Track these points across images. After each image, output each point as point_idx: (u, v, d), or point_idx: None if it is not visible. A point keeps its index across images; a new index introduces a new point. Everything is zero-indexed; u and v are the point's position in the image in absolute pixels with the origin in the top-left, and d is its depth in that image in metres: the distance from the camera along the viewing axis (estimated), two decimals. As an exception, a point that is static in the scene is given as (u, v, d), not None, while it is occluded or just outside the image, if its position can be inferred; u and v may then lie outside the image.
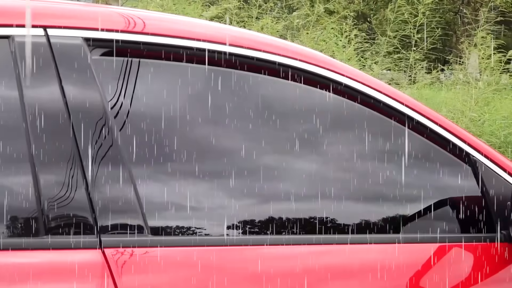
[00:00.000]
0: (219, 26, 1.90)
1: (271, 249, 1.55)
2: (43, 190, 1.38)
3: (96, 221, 1.40)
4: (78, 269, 1.36)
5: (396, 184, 2.50)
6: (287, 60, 1.67)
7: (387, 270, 1.61)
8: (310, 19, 7.31)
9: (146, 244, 1.42)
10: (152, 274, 1.40)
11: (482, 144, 1.82)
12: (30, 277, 1.34)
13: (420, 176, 2.55)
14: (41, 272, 1.35)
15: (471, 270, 1.71)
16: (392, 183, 2.47)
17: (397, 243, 1.66)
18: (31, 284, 1.33)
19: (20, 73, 1.42)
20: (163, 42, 1.57)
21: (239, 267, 1.50)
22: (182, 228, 1.53)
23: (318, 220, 1.64)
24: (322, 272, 1.56)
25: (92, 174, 1.41)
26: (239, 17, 7.30)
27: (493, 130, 6.53)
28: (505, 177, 1.78)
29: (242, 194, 1.61)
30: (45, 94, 1.43)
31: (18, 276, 1.33)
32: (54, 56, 1.46)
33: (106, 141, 1.44)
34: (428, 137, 1.78)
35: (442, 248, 1.70)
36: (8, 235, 1.37)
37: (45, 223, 1.37)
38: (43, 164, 1.39)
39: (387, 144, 1.91)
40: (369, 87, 1.73)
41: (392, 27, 7.79)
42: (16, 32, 1.45)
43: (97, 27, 1.52)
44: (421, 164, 2.59)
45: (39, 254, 1.36)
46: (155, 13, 1.97)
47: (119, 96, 1.52)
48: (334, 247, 1.61)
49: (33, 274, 1.34)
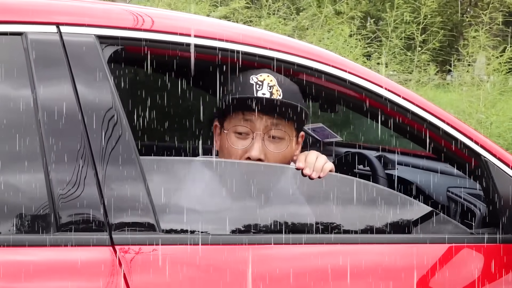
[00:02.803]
0: (231, 25, 1.90)
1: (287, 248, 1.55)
2: (54, 188, 1.38)
3: (107, 218, 1.40)
4: (89, 266, 1.37)
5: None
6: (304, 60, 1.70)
7: (390, 271, 1.61)
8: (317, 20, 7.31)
9: (157, 242, 1.43)
10: (162, 271, 1.41)
11: (493, 144, 1.82)
12: (41, 273, 1.34)
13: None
14: (52, 269, 1.36)
15: (479, 272, 1.70)
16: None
17: (401, 243, 1.66)
18: (42, 280, 1.34)
19: (33, 70, 1.43)
20: (175, 40, 1.58)
21: (252, 265, 1.50)
22: (193, 226, 1.54)
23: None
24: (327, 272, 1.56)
25: (103, 171, 1.42)
26: (246, 17, 7.30)
27: (501, 132, 6.51)
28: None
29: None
30: (57, 91, 1.44)
31: (29, 272, 1.33)
32: (66, 53, 1.46)
33: (118, 139, 1.44)
34: (439, 136, 1.77)
35: (449, 249, 1.70)
36: (20, 231, 1.38)
37: (56, 220, 1.37)
38: (55, 162, 1.39)
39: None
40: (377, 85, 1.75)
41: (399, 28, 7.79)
42: (29, 29, 1.46)
43: (109, 24, 1.52)
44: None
45: (50, 251, 1.37)
46: (169, 12, 1.97)
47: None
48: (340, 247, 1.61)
49: (44, 271, 1.35)
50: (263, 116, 1.74)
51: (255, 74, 1.73)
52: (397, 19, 7.71)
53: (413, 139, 1.84)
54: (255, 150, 1.74)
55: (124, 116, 1.46)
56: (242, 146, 1.75)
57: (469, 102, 7.06)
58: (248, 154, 1.74)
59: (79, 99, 1.44)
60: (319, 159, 1.69)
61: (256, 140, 1.74)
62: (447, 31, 9.78)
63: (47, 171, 1.38)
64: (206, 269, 1.45)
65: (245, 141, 1.76)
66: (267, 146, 1.76)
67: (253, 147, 1.74)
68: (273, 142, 1.77)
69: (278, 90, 1.73)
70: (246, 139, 1.76)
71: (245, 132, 1.76)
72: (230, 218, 1.58)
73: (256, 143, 1.74)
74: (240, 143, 1.76)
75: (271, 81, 1.73)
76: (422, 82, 8.05)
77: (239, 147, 1.75)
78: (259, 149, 1.74)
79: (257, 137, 1.75)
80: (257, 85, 1.72)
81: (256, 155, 1.73)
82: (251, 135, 1.75)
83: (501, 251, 1.73)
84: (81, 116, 1.43)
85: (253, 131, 1.75)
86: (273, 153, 1.76)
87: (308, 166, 1.66)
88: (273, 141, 1.77)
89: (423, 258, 1.64)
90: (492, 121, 6.70)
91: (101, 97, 1.46)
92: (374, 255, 1.63)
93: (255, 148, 1.74)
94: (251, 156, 1.73)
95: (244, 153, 1.75)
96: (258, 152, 1.74)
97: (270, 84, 1.72)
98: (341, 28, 7.02)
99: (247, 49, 1.66)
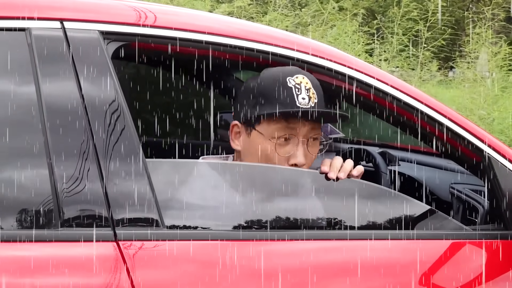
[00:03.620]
0: (235, 21, 1.90)
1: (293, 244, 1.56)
2: (58, 183, 1.38)
3: (111, 214, 1.41)
4: (93, 261, 1.37)
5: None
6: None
7: (393, 267, 1.61)
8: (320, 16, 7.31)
9: (161, 237, 1.43)
10: (166, 267, 1.41)
11: (497, 141, 1.82)
12: (45, 269, 1.34)
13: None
14: (56, 264, 1.36)
15: (481, 268, 1.70)
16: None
17: (403, 239, 1.66)
18: (46, 275, 1.34)
19: (36, 66, 1.43)
20: (180, 36, 1.58)
21: (255, 261, 1.50)
22: (197, 222, 1.54)
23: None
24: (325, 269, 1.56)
25: (107, 167, 1.42)
26: (249, 13, 7.30)
27: (503, 128, 6.50)
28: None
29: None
30: (61, 87, 1.44)
31: (33, 267, 1.34)
32: (70, 49, 1.46)
33: (122, 134, 1.45)
34: (441, 133, 1.78)
35: (453, 245, 1.70)
36: (24, 227, 1.38)
37: (60, 215, 1.38)
38: (59, 157, 1.39)
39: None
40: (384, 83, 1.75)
41: (401, 25, 7.78)
42: (32, 24, 1.46)
43: (113, 20, 1.52)
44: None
45: (54, 246, 1.37)
46: (173, 7, 1.97)
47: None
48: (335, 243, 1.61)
49: (48, 266, 1.35)
50: (306, 122, 1.74)
51: (290, 76, 1.72)
52: (404, 15, 7.70)
53: (416, 135, 1.84)
54: (301, 157, 1.74)
55: (128, 111, 1.47)
56: (286, 153, 1.75)
57: (471, 98, 7.06)
58: (293, 160, 1.74)
59: (83, 94, 1.44)
60: (346, 163, 1.70)
61: (300, 147, 1.74)
62: (450, 28, 9.76)
63: (51, 167, 1.39)
64: (209, 265, 1.46)
65: (287, 146, 1.75)
66: (309, 150, 1.77)
67: (298, 154, 1.74)
68: (312, 145, 1.78)
69: (314, 93, 1.73)
70: (288, 145, 1.75)
71: (289, 138, 1.75)
72: (234, 214, 1.58)
73: (300, 150, 1.74)
74: (283, 150, 1.75)
75: (307, 83, 1.72)
76: (425, 79, 8.05)
77: (282, 154, 1.74)
78: (304, 154, 1.75)
79: (301, 144, 1.75)
80: (296, 89, 1.71)
81: (302, 161, 1.74)
82: (295, 141, 1.75)
83: (504, 247, 1.73)
84: (85, 112, 1.43)
85: (297, 137, 1.75)
86: (312, 155, 1.78)
87: (333, 170, 1.67)
88: (313, 143, 1.78)
89: (423, 254, 1.64)
90: (494, 118, 6.69)
91: (105, 93, 1.46)
92: (375, 251, 1.63)
93: (300, 154, 1.74)
94: (298, 163, 1.74)
95: (287, 159, 1.75)
96: (303, 158, 1.74)
97: (307, 87, 1.72)
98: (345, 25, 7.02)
99: (253, 45, 1.66)
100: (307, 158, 1.76)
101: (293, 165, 1.74)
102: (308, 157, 1.76)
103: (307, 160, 1.76)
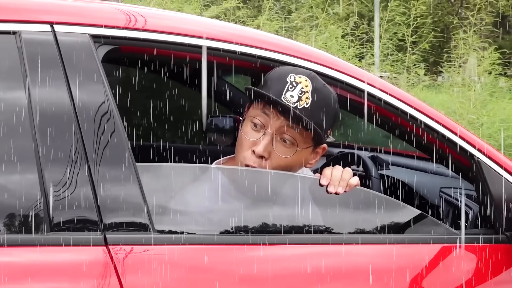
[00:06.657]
0: (223, 25, 1.90)
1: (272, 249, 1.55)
2: (48, 187, 1.37)
3: (101, 218, 1.40)
4: (83, 266, 1.36)
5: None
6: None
7: (385, 271, 1.61)
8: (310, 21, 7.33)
9: (150, 242, 1.42)
10: (156, 271, 1.40)
11: (486, 145, 1.82)
12: (34, 273, 1.34)
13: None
14: (46, 269, 1.35)
15: (473, 272, 1.70)
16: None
17: (396, 243, 1.66)
18: (35, 280, 1.33)
19: (26, 69, 1.42)
20: (170, 40, 1.58)
21: (245, 266, 1.50)
22: (185, 226, 1.53)
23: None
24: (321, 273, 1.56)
25: (97, 171, 1.41)
26: (237, 17, 7.30)
27: (491, 132, 6.54)
28: (508, 179, 1.79)
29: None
30: (51, 90, 1.43)
31: (22, 272, 1.33)
32: (60, 52, 1.45)
33: (112, 138, 1.44)
34: (432, 137, 1.78)
35: (444, 249, 1.70)
36: (13, 231, 1.37)
37: (50, 220, 1.37)
38: (48, 162, 1.39)
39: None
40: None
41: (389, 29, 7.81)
42: (22, 28, 1.45)
43: (103, 24, 1.52)
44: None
45: (43, 251, 1.36)
46: (163, 11, 1.97)
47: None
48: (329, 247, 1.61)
49: (38, 271, 1.34)
50: (281, 116, 1.72)
51: (296, 74, 1.71)
52: (389, 20, 7.73)
53: (406, 139, 1.84)
54: (261, 147, 1.71)
55: (119, 116, 1.46)
56: (252, 138, 1.74)
57: (460, 103, 7.09)
58: (254, 148, 1.72)
59: (73, 98, 1.43)
60: (344, 174, 1.68)
61: (266, 137, 1.73)
62: (438, 33, 9.81)
63: (41, 171, 1.38)
64: (198, 269, 1.45)
65: (257, 133, 1.74)
66: (275, 147, 1.73)
67: (261, 143, 1.72)
68: (282, 145, 1.74)
69: (308, 98, 1.70)
70: (258, 132, 1.74)
71: (259, 125, 1.74)
72: (222, 219, 1.58)
73: (264, 140, 1.72)
74: (252, 134, 1.74)
75: (306, 86, 1.70)
76: (413, 83, 8.08)
77: (249, 137, 1.74)
78: (265, 147, 1.72)
79: (267, 135, 1.73)
80: (290, 85, 1.70)
81: (260, 152, 1.71)
82: (263, 130, 1.74)
83: (493, 251, 1.73)
84: (75, 116, 1.42)
85: (266, 127, 1.73)
86: (278, 156, 1.74)
87: (333, 184, 1.66)
88: (283, 144, 1.74)
89: (413, 259, 1.65)
90: (483, 122, 6.73)
91: (95, 97, 1.45)
92: (365, 256, 1.63)
93: (262, 144, 1.72)
94: (256, 152, 1.71)
95: (252, 145, 1.73)
96: (263, 150, 1.71)
97: (304, 90, 1.70)
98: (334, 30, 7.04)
99: (243, 49, 1.67)
100: (270, 153, 1.73)
101: (252, 152, 1.73)
102: (271, 153, 1.73)
103: (272, 157, 1.73)
